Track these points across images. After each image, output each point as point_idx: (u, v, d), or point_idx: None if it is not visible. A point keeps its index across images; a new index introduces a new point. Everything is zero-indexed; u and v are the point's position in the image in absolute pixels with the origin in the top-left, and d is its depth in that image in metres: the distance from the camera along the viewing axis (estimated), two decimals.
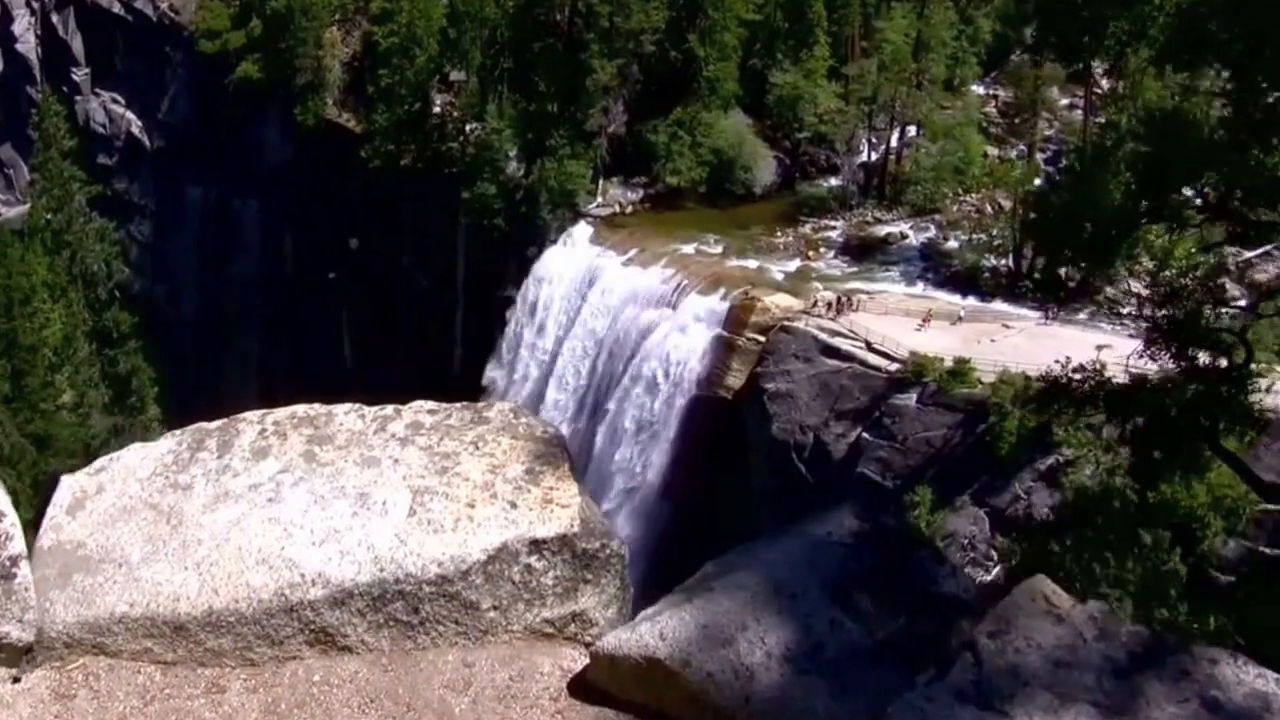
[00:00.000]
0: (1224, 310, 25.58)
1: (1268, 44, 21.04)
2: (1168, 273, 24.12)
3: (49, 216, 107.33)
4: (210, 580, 8.31)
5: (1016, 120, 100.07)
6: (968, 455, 71.91)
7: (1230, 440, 25.42)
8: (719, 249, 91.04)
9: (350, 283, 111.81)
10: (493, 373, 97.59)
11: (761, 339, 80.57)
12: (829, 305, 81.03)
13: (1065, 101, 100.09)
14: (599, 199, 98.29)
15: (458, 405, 9.28)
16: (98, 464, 9.34)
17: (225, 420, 9.46)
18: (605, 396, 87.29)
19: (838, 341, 78.21)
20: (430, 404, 9.36)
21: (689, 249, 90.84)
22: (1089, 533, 51.35)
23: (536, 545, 8.33)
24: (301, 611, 8.26)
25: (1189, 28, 24.03)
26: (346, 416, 9.39)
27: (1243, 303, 26.43)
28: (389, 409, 9.37)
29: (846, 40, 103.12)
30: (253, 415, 9.54)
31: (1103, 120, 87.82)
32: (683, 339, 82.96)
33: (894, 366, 75.69)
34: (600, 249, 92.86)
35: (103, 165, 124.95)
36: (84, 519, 8.74)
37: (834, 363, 77.66)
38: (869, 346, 77.39)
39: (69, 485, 9.07)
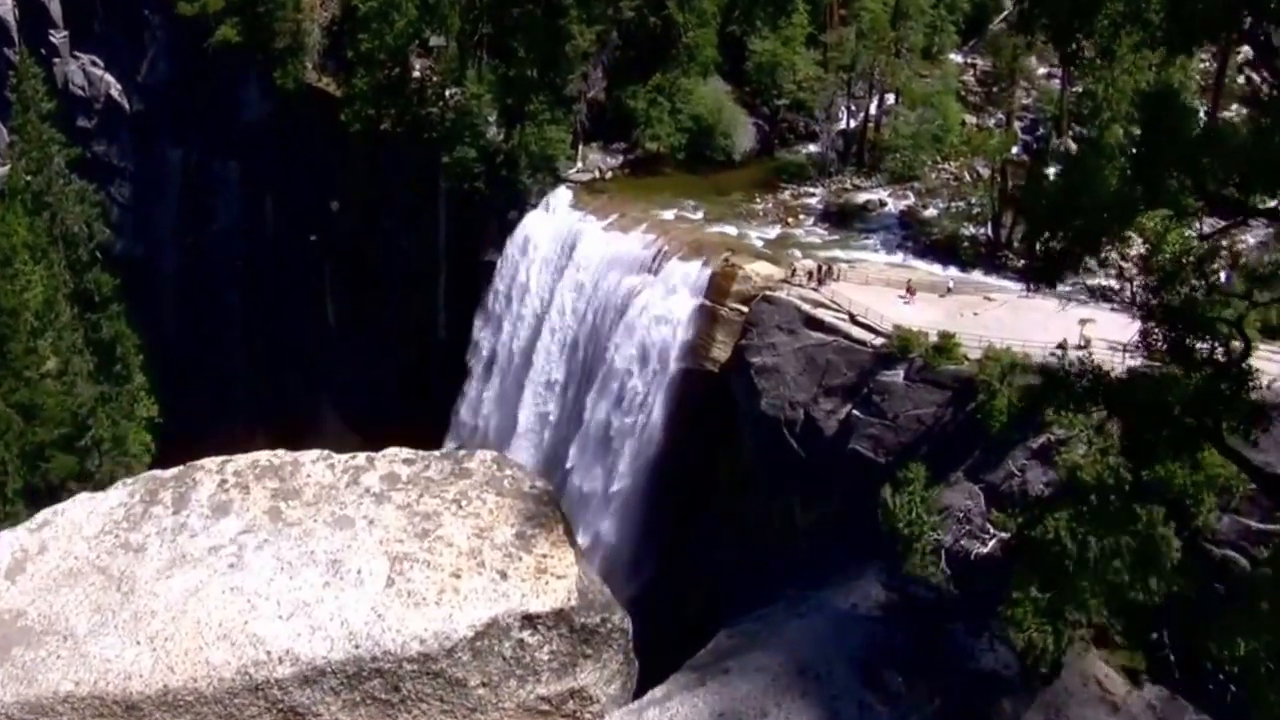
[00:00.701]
0: (1219, 297, 24.65)
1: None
2: (1161, 257, 23.17)
3: (28, 178, 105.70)
4: (166, 656, 7.27)
5: (994, 89, 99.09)
6: (959, 432, 71.24)
7: (1234, 438, 24.54)
8: (699, 215, 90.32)
9: (332, 246, 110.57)
10: (479, 336, 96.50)
11: (744, 309, 79.79)
12: (810, 275, 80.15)
13: (1043, 70, 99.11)
14: (579, 164, 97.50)
15: (436, 455, 8.26)
16: (40, 518, 8.21)
17: (181, 469, 8.39)
18: (593, 369, 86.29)
19: (821, 313, 77.34)
20: (406, 452, 8.32)
21: (669, 215, 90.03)
22: (1084, 508, 50.89)
23: (530, 620, 7.34)
24: (268, 690, 7.24)
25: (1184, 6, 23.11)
26: (315, 466, 8.31)
27: (1227, 284, 25.65)
28: (361, 458, 8.31)
29: (825, 8, 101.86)
30: (211, 463, 8.45)
31: (1080, 90, 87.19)
32: (666, 306, 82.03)
33: (879, 341, 74.82)
34: (581, 214, 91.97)
35: (82, 128, 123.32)
36: (24, 584, 7.65)
37: (818, 335, 76.81)
38: (852, 319, 76.50)
39: (8, 543, 7.94)
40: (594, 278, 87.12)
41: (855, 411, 75.63)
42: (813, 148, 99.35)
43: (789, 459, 77.56)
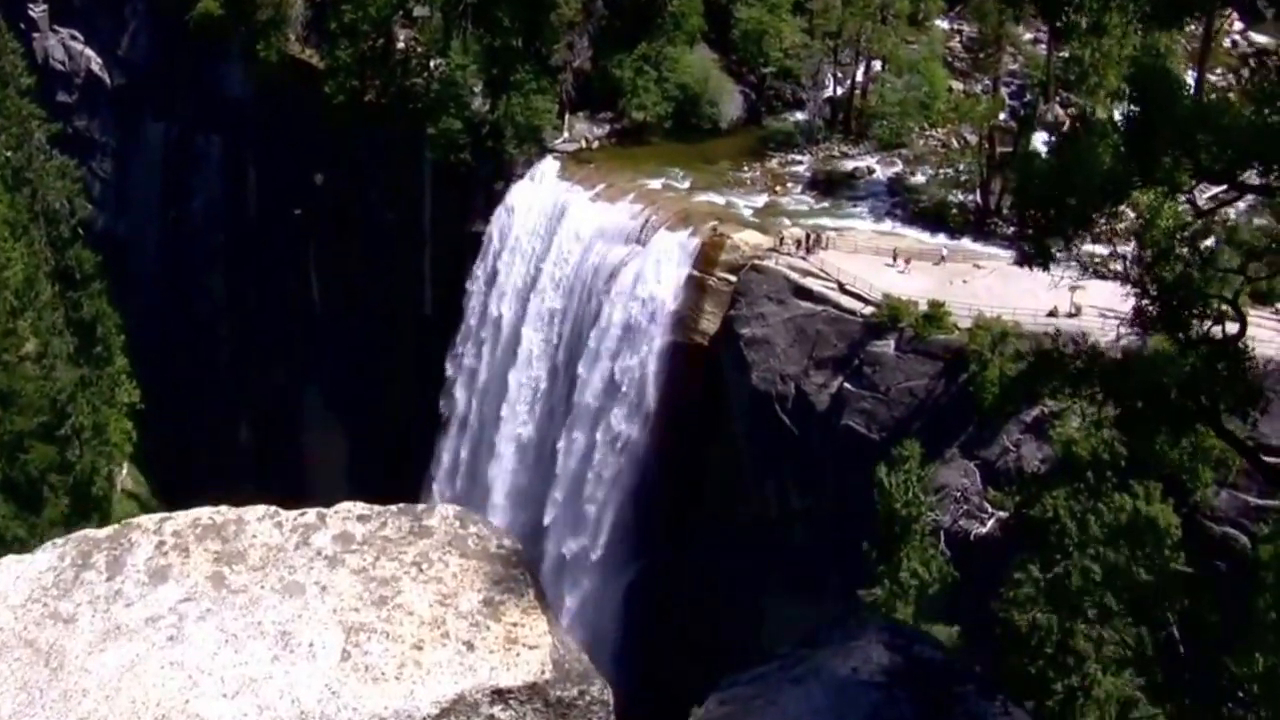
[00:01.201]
0: (1214, 273, 24.01)
1: None
2: (1155, 232, 22.51)
3: (8, 154, 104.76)
4: None
5: (980, 54, 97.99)
6: (952, 406, 70.75)
7: (1232, 421, 23.99)
8: (686, 184, 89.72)
9: (316, 220, 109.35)
10: (467, 310, 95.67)
11: (732, 279, 79.18)
12: (798, 243, 79.52)
13: (1029, 36, 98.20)
14: (565, 134, 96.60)
15: (393, 510, 7.50)
16: None
17: (116, 529, 7.60)
18: (581, 341, 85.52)
19: (809, 282, 76.75)
20: (360, 507, 7.56)
21: (656, 184, 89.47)
22: (1081, 485, 50.37)
23: (500, 695, 6.62)
24: None
25: None
26: (260, 525, 7.53)
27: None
28: (311, 515, 7.52)
29: None
30: (148, 522, 7.68)
31: (1067, 55, 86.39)
32: (654, 277, 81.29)
33: (868, 310, 74.25)
34: (568, 184, 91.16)
35: (62, 103, 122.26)
36: None
37: (807, 305, 76.19)
38: (841, 288, 75.87)
39: None
40: (581, 249, 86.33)
41: (847, 384, 75.06)
42: (800, 115, 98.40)
43: (781, 438, 76.77)
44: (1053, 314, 67.35)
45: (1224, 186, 22.19)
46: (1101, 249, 23.24)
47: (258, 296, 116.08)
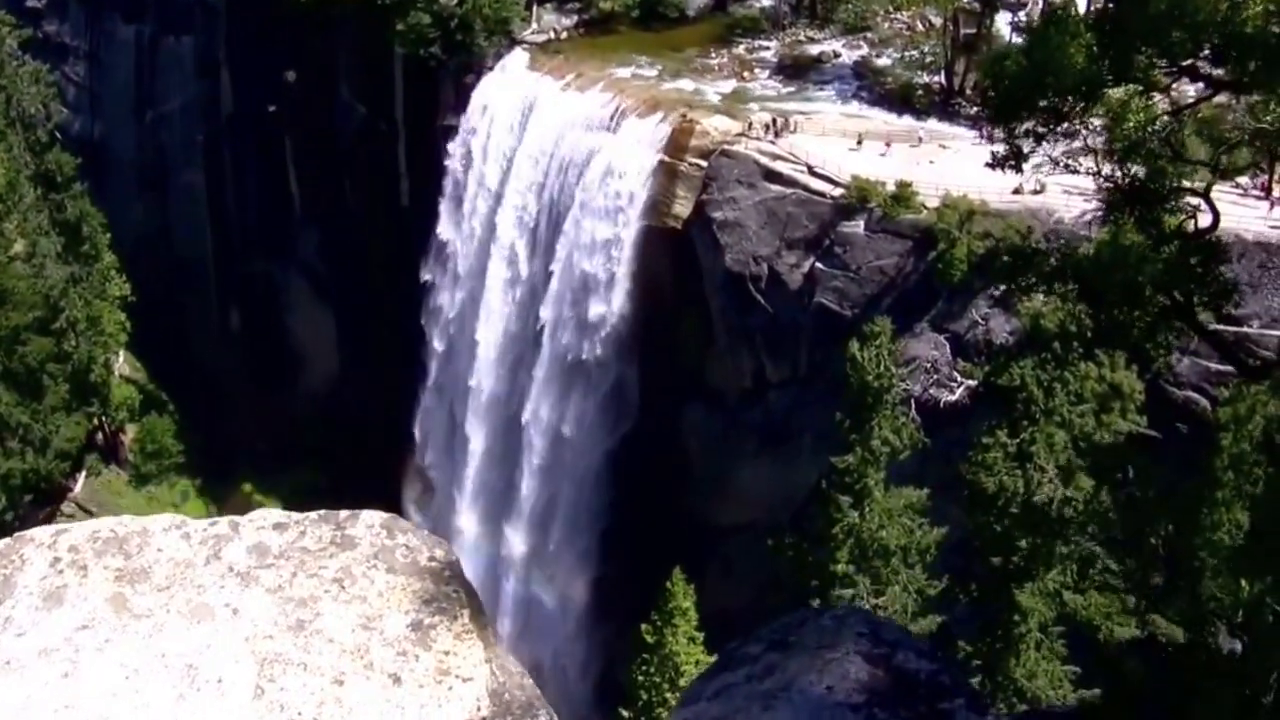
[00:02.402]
0: (1186, 167, 23.06)
1: None
2: (1125, 127, 21.48)
3: None
4: None
5: None
6: (922, 282, 70.34)
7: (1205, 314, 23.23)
8: (654, 72, 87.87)
9: (290, 118, 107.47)
10: (442, 202, 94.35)
11: (703, 164, 78.05)
12: (766, 127, 78.17)
13: None
14: (533, 26, 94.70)
15: (312, 518, 6.50)
16: None
17: (7, 542, 6.61)
18: (556, 230, 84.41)
19: (779, 166, 75.64)
20: (278, 515, 6.54)
21: (625, 73, 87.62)
22: (1048, 355, 50.13)
23: None
24: None
25: None
26: (167, 537, 6.50)
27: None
28: (223, 524, 6.49)
29: None
30: (43, 534, 6.64)
31: None
32: (626, 165, 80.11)
33: (837, 192, 73.20)
34: (537, 75, 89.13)
35: (32, 8, 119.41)
36: None
37: (777, 188, 75.19)
38: (810, 171, 74.76)
39: None
40: (553, 138, 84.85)
41: (819, 264, 74.44)
42: (766, 1, 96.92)
43: (755, 316, 76.50)
44: (1018, 191, 66.57)
45: (1199, 83, 21.20)
46: (1072, 144, 22.34)
47: (236, 192, 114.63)
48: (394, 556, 6.33)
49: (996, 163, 22.29)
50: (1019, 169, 22.08)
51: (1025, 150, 21.60)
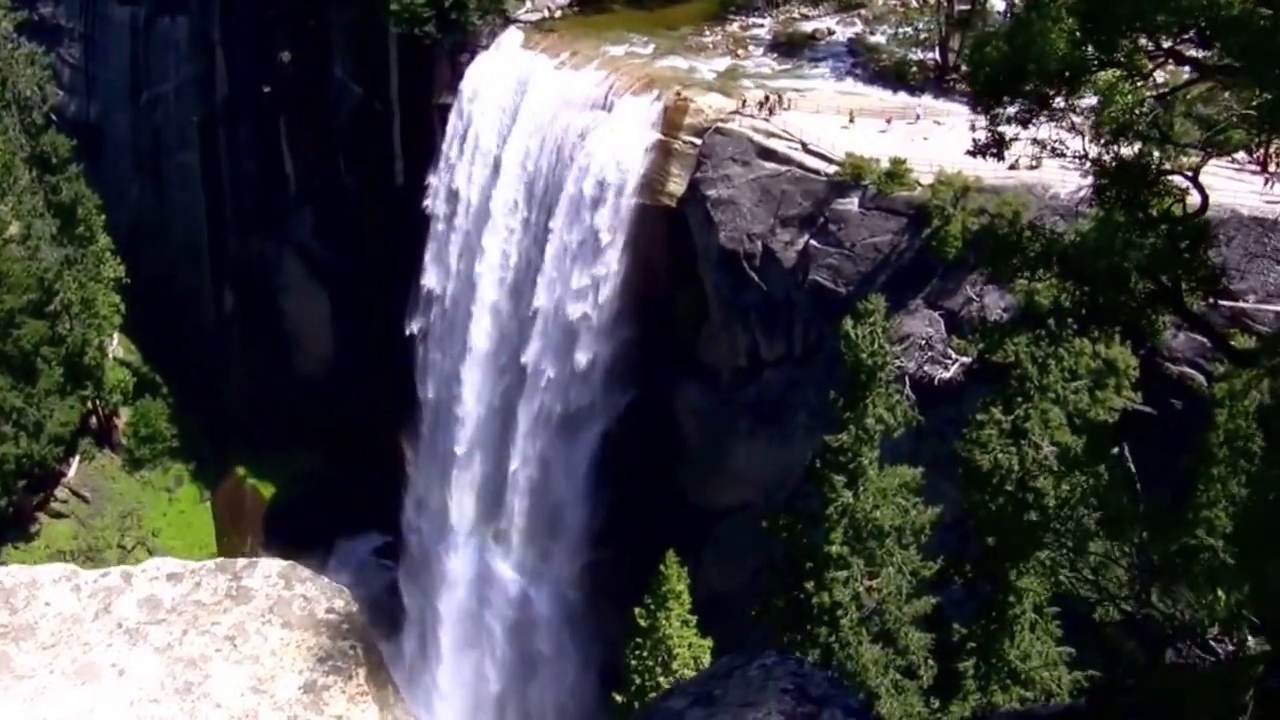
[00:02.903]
0: (1173, 147, 22.57)
1: None
2: (1113, 109, 21.01)
3: None
4: None
5: None
6: (916, 259, 69.75)
7: (1194, 300, 22.77)
8: (648, 50, 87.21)
9: (285, 98, 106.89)
10: (434, 180, 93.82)
11: (697, 141, 77.56)
12: (760, 104, 77.63)
13: None
14: (528, 4, 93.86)
15: (209, 567, 6.06)
16: None
17: None
18: (551, 207, 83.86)
19: (773, 143, 75.08)
20: (172, 564, 6.09)
21: (619, 51, 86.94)
22: (1042, 331, 49.74)
23: None
24: None
25: None
26: (56, 590, 6.04)
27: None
28: (115, 575, 6.04)
29: None
30: None
31: None
32: (620, 142, 79.62)
33: (832, 169, 72.63)
34: (532, 54, 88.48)
35: None
36: None
37: (772, 166, 74.64)
38: (805, 148, 74.21)
39: None
40: (548, 116, 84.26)
41: (813, 241, 73.94)
42: None
43: (750, 293, 76.07)
44: (1013, 167, 65.89)
45: (1184, 66, 20.71)
46: (1059, 127, 21.88)
47: (231, 173, 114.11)
48: (290, 609, 5.89)
49: (978, 150, 21.81)
50: (1000, 157, 21.61)
51: (1008, 137, 21.12)
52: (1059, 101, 20.22)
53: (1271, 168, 60.58)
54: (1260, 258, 59.41)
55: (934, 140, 72.53)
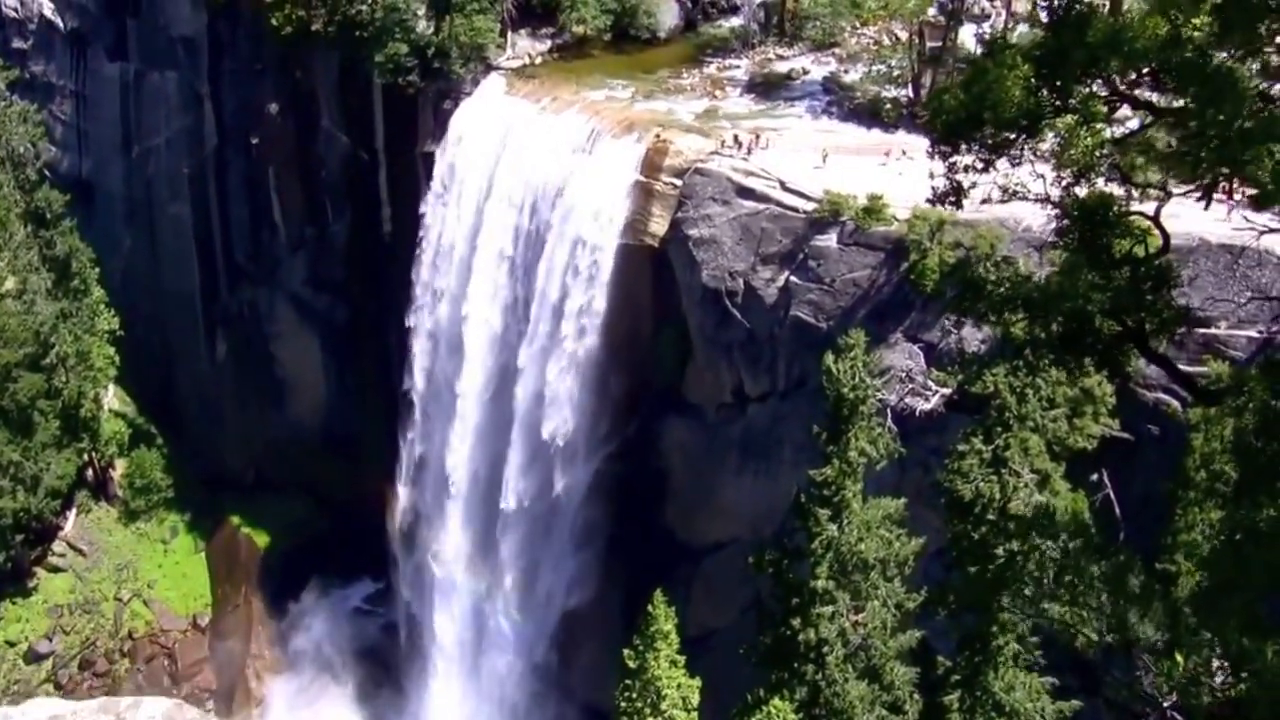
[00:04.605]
0: (1135, 189, 22.41)
1: None
2: (1074, 153, 20.85)
3: None
4: None
5: None
6: (895, 293, 69.63)
7: (1158, 342, 22.56)
8: (628, 94, 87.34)
9: (273, 149, 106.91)
10: (424, 228, 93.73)
11: (678, 182, 77.44)
12: (739, 144, 77.65)
13: None
14: (509, 52, 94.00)
15: (91, 706, 5.75)
16: None
17: None
18: (536, 251, 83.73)
19: (752, 182, 74.94)
20: (54, 705, 5.76)
21: (599, 95, 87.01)
22: (1019, 362, 49.59)
23: None
24: None
25: None
26: None
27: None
28: None
29: None
30: None
31: None
32: (602, 184, 79.57)
33: (810, 206, 72.57)
34: (514, 100, 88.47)
35: (18, 49, 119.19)
36: None
37: (751, 204, 74.54)
38: (783, 186, 74.19)
39: None
40: (531, 162, 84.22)
41: (793, 278, 73.82)
42: (735, 21, 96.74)
43: (733, 330, 75.98)
44: (986, 201, 65.79)
45: (1139, 110, 20.58)
46: (1020, 173, 21.75)
47: (222, 222, 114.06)
48: None
49: (938, 198, 21.67)
50: (959, 205, 21.46)
51: (965, 185, 20.97)
52: (1017, 148, 20.07)
53: (1237, 197, 60.70)
54: (1231, 284, 59.27)
55: (909, 175, 72.52)
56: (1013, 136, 19.84)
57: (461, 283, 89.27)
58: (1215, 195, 54.48)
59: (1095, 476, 50.29)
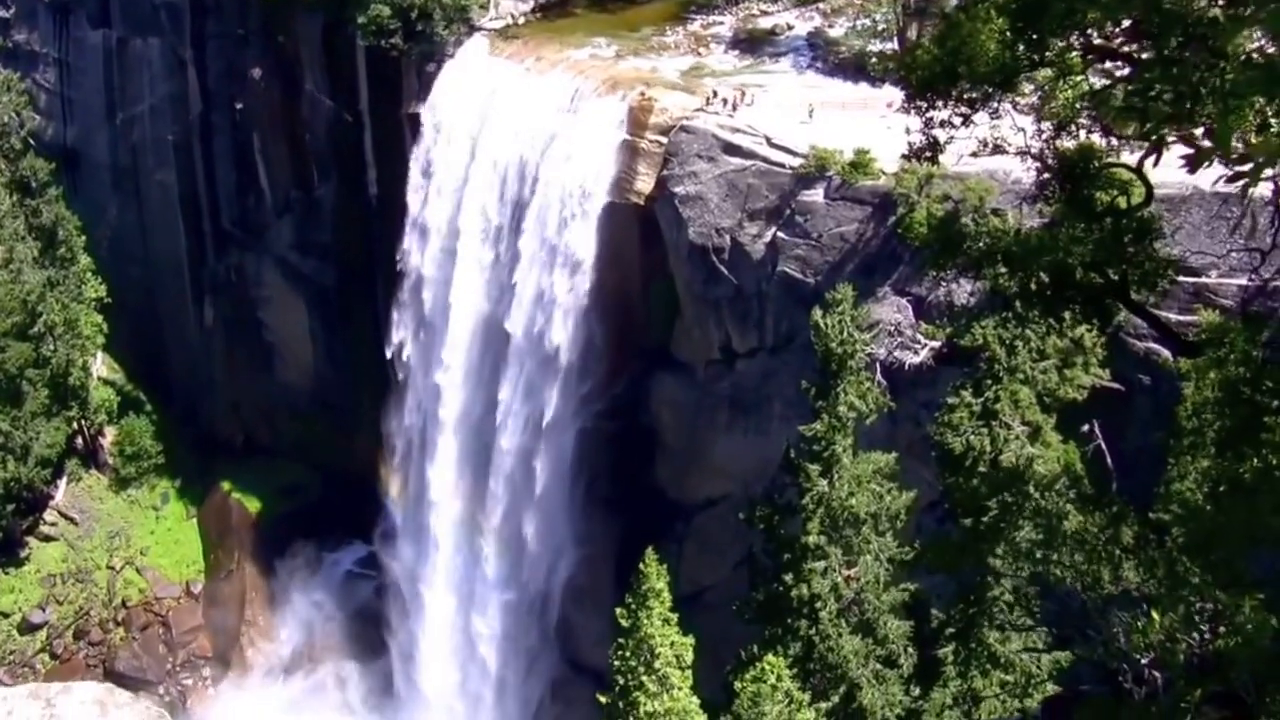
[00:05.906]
0: (1115, 140, 22.14)
1: None
2: (1055, 105, 20.60)
3: None
4: None
5: None
6: (882, 247, 69.13)
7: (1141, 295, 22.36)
8: (612, 52, 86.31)
9: (257, 114, 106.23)
10: (410, 191, 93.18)
11: (663, 140, 76.63)
12: (724, 101, 77.15)
13: None
14: (492, 12, 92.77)
15: (21, 693, 5.65)
16: None
17: None
18: (522, 211, 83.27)
19: (738, 139, 74.21)
20: None
21: (583, 54, 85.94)
22: (1009, 314, 49.42)
23: None
24: None
25: None
26: None
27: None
28: None
29: None
30: None
31: None
32: (588, 143, 79.04)
33: (796, 162, 72.04)
34: (497, 60, 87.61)
35: (1, 18, 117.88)
36: None
37: (737, 160, 73.93)
38: (769, 142, 73.71)
39: None
40: (515, 122, 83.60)
41: (780, 234, 73.36)
42: None
43: (720, 287, 75.69)
44: (975, 154, 65.36)
45: (1117, 62, 20.26)
46: (1000, 127, 21.49)
47: (208, 189, 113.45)
48: None
49: (914, 154, 21.42)
50: (935, 160, 21.21)
51: (942, 140, 20.73)
52: (995, 103, 19.83)
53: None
54: (1220, 231, 59.03)
55: (896, 129, 71.99)
56: (989, 91, 19.51)
57: (450, 241, 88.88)
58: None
59: (1086, 428, 50.28)
